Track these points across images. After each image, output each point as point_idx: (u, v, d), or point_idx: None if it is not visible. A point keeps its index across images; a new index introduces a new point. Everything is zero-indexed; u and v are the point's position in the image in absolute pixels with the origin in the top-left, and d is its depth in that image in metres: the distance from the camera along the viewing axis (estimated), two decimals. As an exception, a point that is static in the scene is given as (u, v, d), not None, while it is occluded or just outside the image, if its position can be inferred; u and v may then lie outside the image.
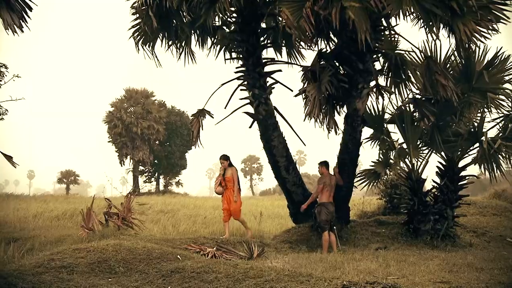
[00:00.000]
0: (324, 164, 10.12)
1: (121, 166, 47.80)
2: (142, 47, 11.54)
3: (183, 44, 11.92)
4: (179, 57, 12.00)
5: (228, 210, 10.92)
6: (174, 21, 11.24)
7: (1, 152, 14.46)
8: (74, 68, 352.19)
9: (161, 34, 11.54)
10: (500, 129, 10.08)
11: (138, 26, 11.22)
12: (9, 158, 14.10)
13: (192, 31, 11.68)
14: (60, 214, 16.80)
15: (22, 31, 7.12)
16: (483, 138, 9.69)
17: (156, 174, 52.07)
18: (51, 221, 15.62)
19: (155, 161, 49.75)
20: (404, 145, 10.34)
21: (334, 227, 9.79)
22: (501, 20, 9.10)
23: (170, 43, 11.79)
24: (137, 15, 11.03)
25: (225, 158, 10.80)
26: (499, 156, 9.66)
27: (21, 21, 7.04)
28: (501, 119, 10.18)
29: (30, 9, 7.22)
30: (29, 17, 7.17)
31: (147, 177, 52.11)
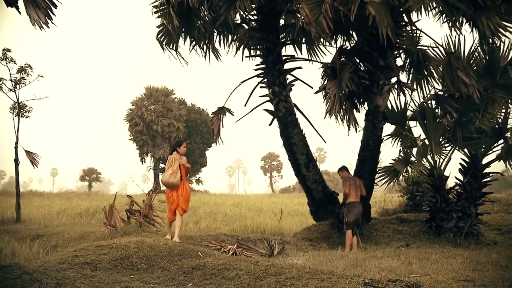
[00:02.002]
0: (343, 169, 10.20)
1: (142, 164, 48.26)
2: (167, 47, 11.61)
3: (206, 43, 11.96)
4: (205, 56, 12.06)
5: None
6: (196, 20, 11.28)
7: (26, 151, 14.77)
8: (96, 68, 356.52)
9: (183, 34, 11.59)
10: (525, 125, 9.88)
11: (162, 27, 11.29)
12: (33, 156, 14.36)
13: (214, 30, 11.71)
14: (83, 211, 17.06)
15: (48, 27, 7.23)
16: (508, 134, 9.52)
17: (177, 172, 52.36)
18: (74, 218, 15.88)
19: (176, 158, 50.02)
20: (426, 142, 10.21)
21: (359, 228, 9.74)
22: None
23: (194, 42, 11.84)
24: (159, 13, 11.08)
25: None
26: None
27: (46, 18, 7.15)
28: (526, 115, 9.98)
29: (55, 6, 7.31)
30: (54, 14, 7.27)
31: (168, 175, 52.46)
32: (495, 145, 10.13)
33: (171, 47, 11.57)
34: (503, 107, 10.36)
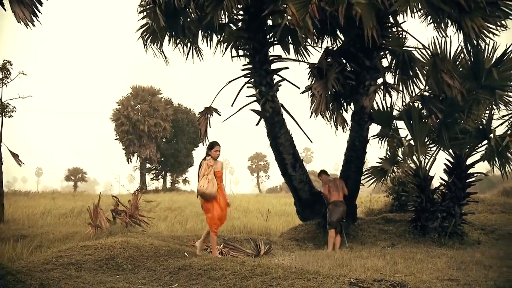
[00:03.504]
0: (322, 173, 10.37)
1: (128, 163, 48.08)
2: (150, 46, 11.56)
3: (190, 42, 11.91)
4: (187, 56, 12.00)
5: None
6: (181, 19, 11.23)
7: (9, 150, 14.59)
8: (80, 67, 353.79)
9: (168, 33, 11.54)
10: (508, 126, 9.99)
11: (147, 25, 11.23)
12: (15, 156, 14.18)
13: (199, 29, 11.67)
14: (68, 211, 16.92)
15: (34, 25, 7.17)
16: (492, 135, 9.62)
17: (163, 172, 52.26)
18: (59, 219, 15.74)
19: (162, 158, 49.90)
20: (412, 142, 10.29)
21: (342, 227, 9.79)
22: (510, 17, 9.03)
23: (177, 41, 11.80)
24: (145, 13, 11.02)
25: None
26: (508, 153, 9.59)
27: (32, 15, 7.09)
28: (509, 116, 10.07)
29: (41, 3, 7.26)
30: (39, 11, 7.22)
31: (154, 175, 52.33)
32: (479, 145, 10.23)
33: (155, 45, 11.50)
34: (487, 108, 10.46)
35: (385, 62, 11.22)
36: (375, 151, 11.16)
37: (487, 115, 10.30)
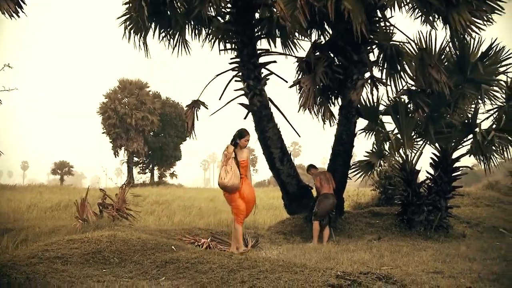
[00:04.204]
0: (310, 167, 10.41)
1: (116, 157, 47.82)
2: (134, 37, 11.38)
3: (177, 35, 11.80)
4: (174, 48, 11.90)
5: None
6: (168, 11, 11.14)
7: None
8: (67, 59, 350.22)
9: (153, 24, 11.42)
10: (494, 121, 10.09)
11: (130, 15, 11.03)
12: (-5, 147, 13.93)
13: (186, 22, 11.58)
14: (54, 205, 16.79)
15: (19, 16, 7.10)
16: (477, 129, 9.71)
17: (151, 165, 52.08)
18: (45, 212, 15.62)
19: (150, 152, 49.71)
20: (399, 136, 10.36)
21: (330, 221, 9.83)
22: (496, 11, 9.11)
23: (163, 33, 11.69)
24: (130, 4, 10.86)
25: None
26: (493, 147, 9.70)
27: (16, 7, 7.03)
28: (495, 110, 10.18)
29: (25, -5, 7.20)
30: (24, 3, 7.15)
31: (141, 168, 52.12)
32: (465, 139, 10.33)
33: (138, 36, 11.34)
34: (473, 102, 10.56)
35: (372, 57, 11.26)
36: (363, 145, 11.23)
37: (472, 109, 10.40)
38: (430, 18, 9.51)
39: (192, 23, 11.84)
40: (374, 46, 11.11)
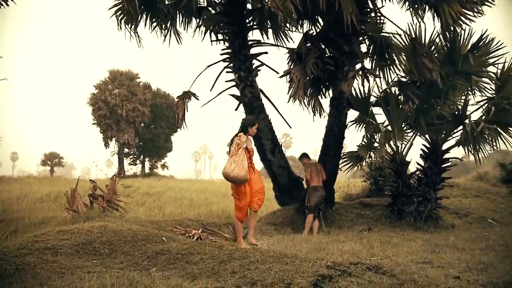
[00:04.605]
0: (303, 156, 10.45)
1: (106, 148, 47.60)
2: (125, 26, 11.30)
3: (168, 25, 11.73)
4: (165, 39, 11.83)
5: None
6: (158, 1, 11.05)
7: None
8: (58, 49, 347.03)
9: (145, 14, 11.34)
10: (483, 112, 10.17)
11: (121, 4, 10.98)
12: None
13: (177, 12, 11.51)
14: (44, 196, 16.71)
15: (8, 5, 7.02)
16: (467, 121, 9.78)
17: (142, 157, 51.92)
18: (35, 203, 15.54)
19: (141, 143, 49.53)
20: (389, 128, 10.40)
21: (320, 212, 9.88)
22: (486, 3, 9.14)
23: (154, 23, 11.61)
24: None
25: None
26: (482, 138, 9.77)
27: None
28: (484, 102, 10.26)
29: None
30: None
31: (132, 160, 51.95)
32: (455, 131, 10.40)
33: (129, 26, 11.26)
34: (463, 94, 10.63)
35: (363, 48, 11.27)
36: (353, 137, 11.26)
37: (462, 100, 10.47)
38: (420, 10, 9.52)
39: (183, 13, 11.76)
40: (365, 38, 11.11)
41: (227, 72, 11.44)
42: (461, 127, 10.10)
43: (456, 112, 10.35)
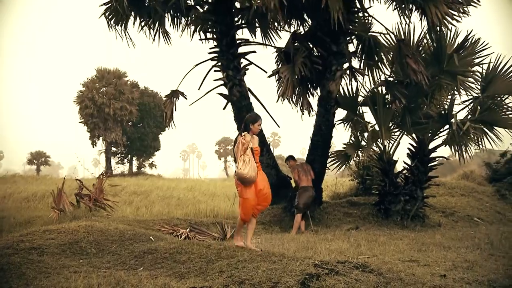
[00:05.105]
0: (289, 159, 10.45)
1: (93, 147, 47.19)
2: (114, 26, 11.28)
3: (156, 25, 11.68)
4: (154, 38, 11.78)
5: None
6: (147, 0, 11.01)
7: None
8: (44, 47, 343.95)
9: (133, 14, 11.28)
10: (469, 111, 10.27)
11: (110, 4, 10.94)
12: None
13: (165, 11, 11.46)
14: (30, 195, 16.55)
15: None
16: (453, 120, 9.86)
17: (129, 156, 51.63)
18: (21, 203, 15.39)
19: (128, 142, 49.23)
20: (376, 127, 10.45)
21: (308, 211, 9.91)
22: (471, 3, 9.22)
23: (143, 23, 11.56)
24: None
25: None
26: (468, 138, 9.86)
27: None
28: (470, 101, 10.36)
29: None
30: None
31: (119, 159, 51.62)
32: (441, 130, 10.48)
33: (119, 26, 11.22)
34: (449, 93, 10.72)
35: (351, 48, 11.31)
36: (341, 136, 11.30)
37: (449, 100, 10.55)
38: (407, 10, 9.59)
39: (171, 12, 11.72)
40: (352, 37, 11.15)
41: (215, 71, 11.44)
42: (447, 126, 10.18)
43: (443, 112, 10.43)
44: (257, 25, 12.09)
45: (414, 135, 10.65)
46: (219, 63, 11.27)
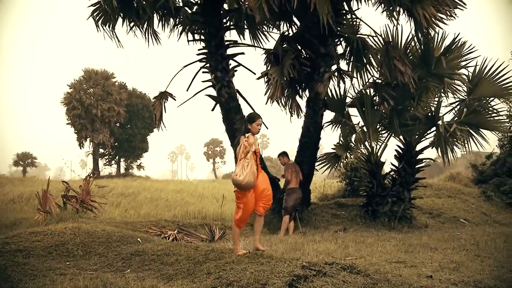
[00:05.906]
0: (283, 154, 10.39)
1: (81, 148, 46.82)
2: (102, 27, 11.22)
3: (145, 25, 11.64)
4: (146, 40, 11.73)
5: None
6: (135, 1, 10.96)
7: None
8: (30, 48, 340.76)
9: (122, 14, 11.22)
10: (455, 114, 10.37)
11: (98, 5, 10.88)
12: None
13: (154, 12, 11.42)
14: (16, 197, 16.37)
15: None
16: (440, 122, 9.94)
17: (117, 157, 51.33)
18: (7, 205, 15.22)
19: (116, 144, 48.94)
20: (364, 129, 10.51)
21: (297, 213, 9.92)
22: (458, 6, 9.31)
23: (132, 24, 11.51)
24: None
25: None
26: (454, 140, 9.95)
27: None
28: (457, 103, 10.46)
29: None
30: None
31: (107, 160, 51.31)
32: (428, 132, 10.56)
33: (107, 27, 11.17)
34: (436, 95, 10.82)
35: (339, 49, 11.36)
36: (329, 137, 11.34)
37: (436, 102, 10.64)
38: (395, 12, 9.66)
39: (160, 13, 11.68)
40: (341, 39, 11.20)
41: (203, 72, 11.39)
42: (434, 128, 10.26)
43: (430, 114, 10.52)
44: (245, 26, 12.09)
45: (401, 137, 10.72)
46: (208, 65, 11.24)
